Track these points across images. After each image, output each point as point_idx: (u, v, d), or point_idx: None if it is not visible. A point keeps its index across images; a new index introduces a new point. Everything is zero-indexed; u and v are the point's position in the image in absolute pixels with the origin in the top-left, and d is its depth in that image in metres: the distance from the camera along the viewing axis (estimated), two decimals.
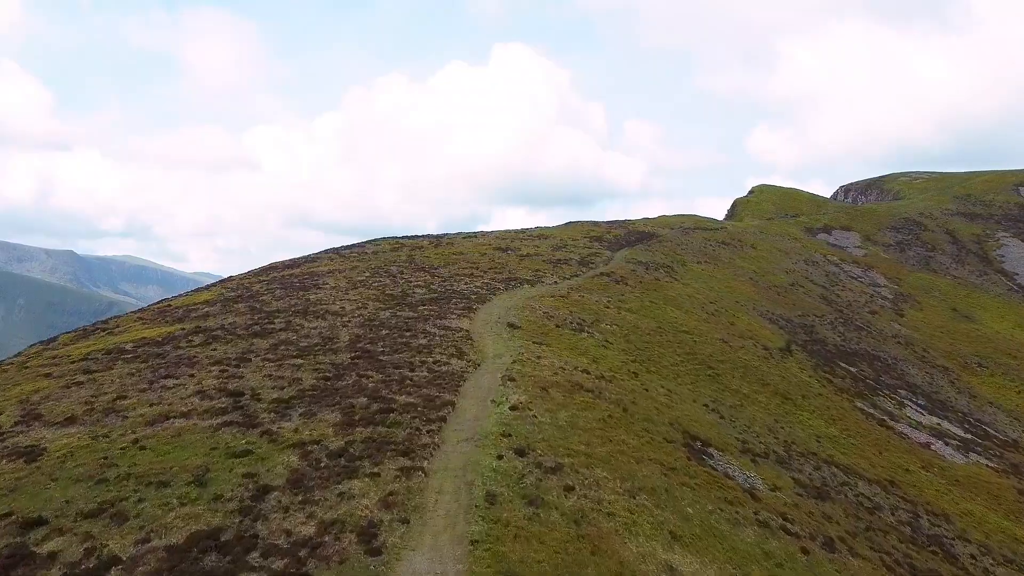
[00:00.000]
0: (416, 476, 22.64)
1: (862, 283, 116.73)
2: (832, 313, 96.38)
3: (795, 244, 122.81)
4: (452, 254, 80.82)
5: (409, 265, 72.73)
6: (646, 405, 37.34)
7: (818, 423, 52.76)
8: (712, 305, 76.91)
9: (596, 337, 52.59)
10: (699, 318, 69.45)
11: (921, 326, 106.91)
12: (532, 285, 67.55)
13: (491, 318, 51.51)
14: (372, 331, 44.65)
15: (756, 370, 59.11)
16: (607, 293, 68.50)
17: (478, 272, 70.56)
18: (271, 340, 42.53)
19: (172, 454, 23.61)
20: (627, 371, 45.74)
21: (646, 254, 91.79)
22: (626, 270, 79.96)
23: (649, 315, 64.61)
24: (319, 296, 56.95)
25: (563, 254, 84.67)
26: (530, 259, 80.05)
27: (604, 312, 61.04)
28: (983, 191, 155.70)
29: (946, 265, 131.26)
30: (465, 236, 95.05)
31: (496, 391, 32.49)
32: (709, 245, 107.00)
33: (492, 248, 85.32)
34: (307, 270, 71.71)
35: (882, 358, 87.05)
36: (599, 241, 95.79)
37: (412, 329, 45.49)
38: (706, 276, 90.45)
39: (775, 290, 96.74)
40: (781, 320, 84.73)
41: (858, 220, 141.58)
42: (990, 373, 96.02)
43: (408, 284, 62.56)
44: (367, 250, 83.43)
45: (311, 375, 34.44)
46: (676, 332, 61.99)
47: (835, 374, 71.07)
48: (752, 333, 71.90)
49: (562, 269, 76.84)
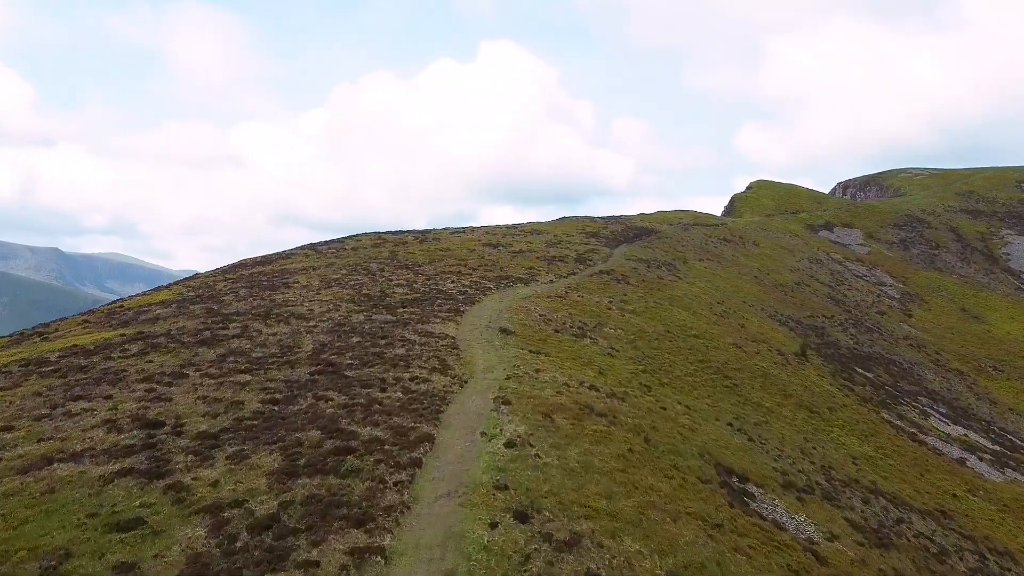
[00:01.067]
0: (372, 565, 15.51)
1: (868, 282, 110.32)
2: (841, 314, 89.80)
3: (798, 242, 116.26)
4: (438, 250, 73.63)
5: (391, 262, 65.49)
6: (668, 430, 30.31)
7: (851, 440, 45.92)
8: (720, 306, 70.05)
9: (600, 344, 45.56)
10: (708, 320, 62.53)
11: (931, 327, 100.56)
12: (526, 284, 60.45)
13: (481, 322, 44.41)
14: (341, 338, 37.40)
15: (775, 379, 52.26)
16: (608, 293, 61.49)
17: (466, 270, 63.39)
18: (220, 349, 35.26)
19: (29, 524, 16.45)
20: (638, 384, 38.71)
21: (646, 251, 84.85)
22: (627, 268, 72.98)
23: (655, 317, 57.64)
24: (286, 296, 49.68)
25: (558, 251, 77.59)
26: (523, 256, 72.96)
27: (606, 314, 54.01)
28: (985, 188, 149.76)
29: (951, 263, 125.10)
30: (453, 232, 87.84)
31: (487, 419, 25.37)
32: (710, 242, 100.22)
33: (482, 244, 78.16)
34: (279, 267, 64.38)
35: (897, 362, 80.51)
36: (595, 237, 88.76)
37: (388, 336, 38.28)
38: (710, 275, 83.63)
39: (781, 289, 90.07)
40: (791, 322, 78.02)
41: (860, 217, 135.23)
42: (1006, 377, 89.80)
43: (388, 283, 55.32)
44: (346, 246, 76.11)
45: (256, 397, 27.20)
46: (686, 336, 55.05)
47: (854, 381, 64.39)
48: (765, 336, 65.09)
49: (558, 267, 69.76)
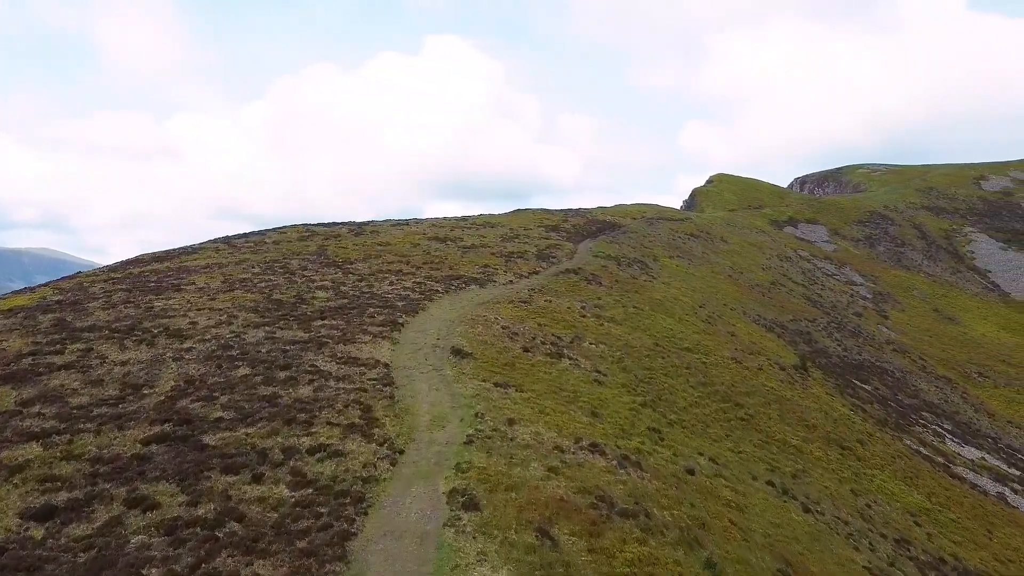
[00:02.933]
0: None
1: (839, 281, 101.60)
2: (822, 316, 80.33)
3: (765, 238, 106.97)
4: (376, 245, 61.26)
5: (317, 259, 52.93)
6: (721, 528, 18.92)
7: (898, 487, 35.38)
8: (703, 310, 59.36)
9: (582, 366, 34.02)
10: (697, 329, 51.66)
11: (908, 329, 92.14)
12: (481, 286, 48.59)
13: (426, 339, 32.45)
14: (222, 369, 25.00)
15: (789, 404, 41.59)
16: (580, 296, 50.10)
17: (409, 268, 51.19)
18: (28, 390, 22.61)
19: None
20: (646, 429, 27.28)
21: (613, 247, 73.80)
22: (596, 266, 61.70)
23: (639, 326, 46.45)
24: (169, 304, 36.92)
25: (516, 246, 65.88)
26: (476, 252, 61.05)
27: (582, 324, 42.57)
28: (945, 184, 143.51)
29: (918, 261, 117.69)
30: (394, 224, 75.30)
31: (439, 546, 13.55)
32: (678, 237, 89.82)
33: (427, 238, 66.01)
34: (178, 264, 51.24)
35: (889, 371, 71.21)
36: (556, 231, 77.30)
37: (293, 364, 26.01)
38: (684, 273, 73.05)
39: (758, 290, 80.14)
40: (776, 327, 67.94)
41: (823, 213, 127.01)
42: (993, 384, 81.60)
43: (309, 285, 42.84)
44: (267, 239, 63.12)
45: (20, 500, 14.84)
46: (678, 350, 44.00)
47: (859, 397, 54.42)
48: (759, 347, 54.58)
49: (517, 265, 58.04)
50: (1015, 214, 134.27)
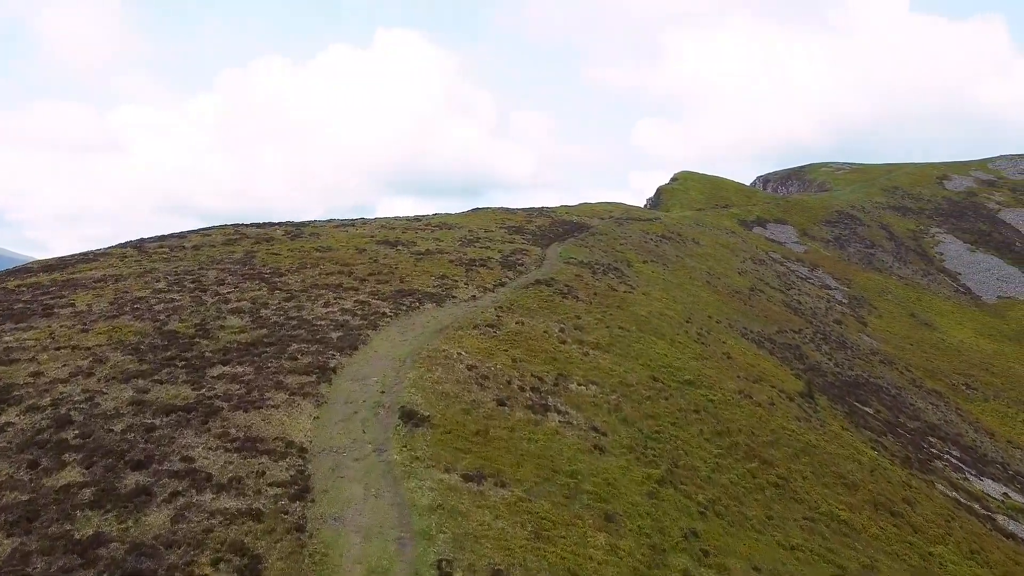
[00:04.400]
0: None
1: (814, 285, 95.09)
2: (806, 326, 73.25)
3: (736, 239, 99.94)
4: (315, 251, 51.72)
5: (241, 269, 43.25)
6: None
7: (965, 571, 27.63)
8: (691, 326, 51.29)
9: (575, 423, 25.36)
10: (691, 351, 43.47)
11: (889, 337, 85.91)
12: (438, 303, 39.51)
13: (367, 393, 23.39)
14: (35, 472, 15.59)
15: (818, 453, 33.62)
16: (556, 315, 41.46)
17: (351, 282, 41.81)
18: None
19: None
20: (679, 537, 18.76)
21: (584, 251, 65.39)
22: (568, 275, 53.14)
23: (628, 353, 37.98)
24: (22, 339, 27.20)
25: (477, 251, 56.88)
26: (431, 259, 51.93)
27: (565, 355, 33.91)
28: (909, 184, 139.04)
29: (888, 263, 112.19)
30: (339, 225, 65.58)
31: None
32: (650, 239, 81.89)
33: (376, 242, 56.65)
34: (68, 275, 41.12)
35: (884, 388, 64.39)
36: (520, 233, 68.55)
37: (156, 457, 16.70)
38: (662, 280, 65.06)
39: (738, 297, 72.68)
40: (766, 341, 60.43)
41: (791, 213, 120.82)
42: (982, 397, 75.62)
43: (220, 307, 33.24)
44: (187, 244, 53.05)
45: None
46: (679, 384, 35.67)
47: (872, 427, 47.09)
48: (759, 370, 46.73)
49: (480, 275, 49.11)
50: (980, 215, 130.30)
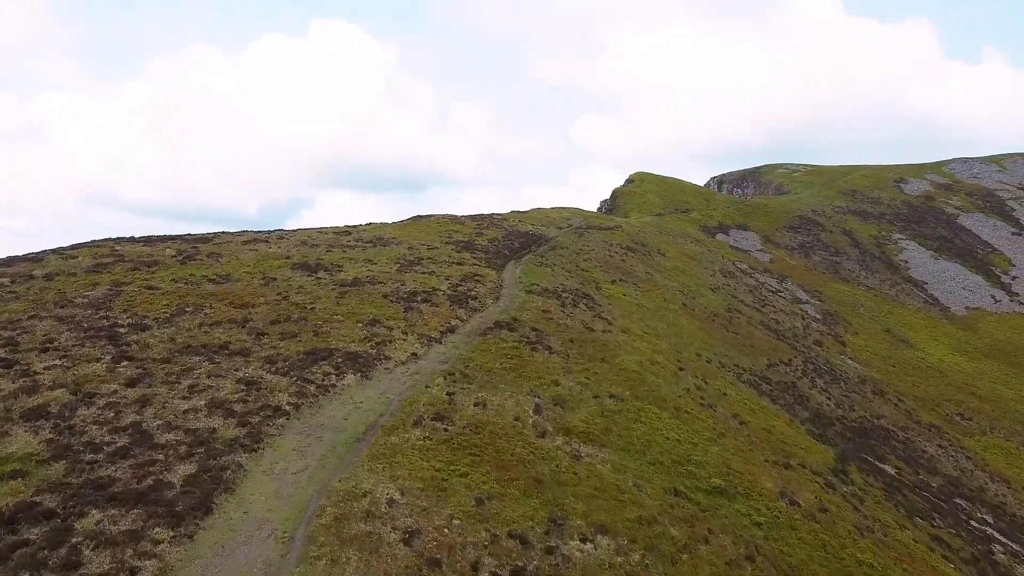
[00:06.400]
0: None
1: (786, 299, 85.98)
2: (793, 354, 63.61)
3: (702, 249, 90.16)
4: (208, 281, 38.97)
5: (90, 318, 30.40)
6: None
7: None
8: (686, 375, 40.47)
9: None
10: (704, 427, 32.51)
11: (870, 359, 77.33)
12: (365, 374, 27.53)
13: None
14: None
15: None
16: (527, 380, 29.95)
17: (243, 339, 29.33)
18: None
19: None
20: None
21: (546, 272, 54.07)
22: (533, 310, 41.66)
23: (633, 445, 26.81)
24: None
25: (420, 279, 44.83)
26: (360, 292, 39.70)
27: (550, 467, 22.47)
28: (867, 187, 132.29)
29: (855, 272, 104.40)
30: (248, 240, 52.39)
31: None
32: (614, 252, 71.13)
33: (291, 266, 44.13)
34: None
35: (891, 432, 55.11)
36: (470, 250, 56.70)
37: None
38: (636, 307, 54.26)
39: (718, 322, 62.53)
40: (762, 382, 50.31)
41: (752, 217, 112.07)
42: (979, 430, 67.38)
43: (10, 405, 20.55)
44: (38, 271, 39.68)
45: None
46: (710, 497, 24.70)
47: (915, 507, 37.12)
48: (780, 439, 36.18)
49: (423, 316, 37.17)
50: (940, 220, 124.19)
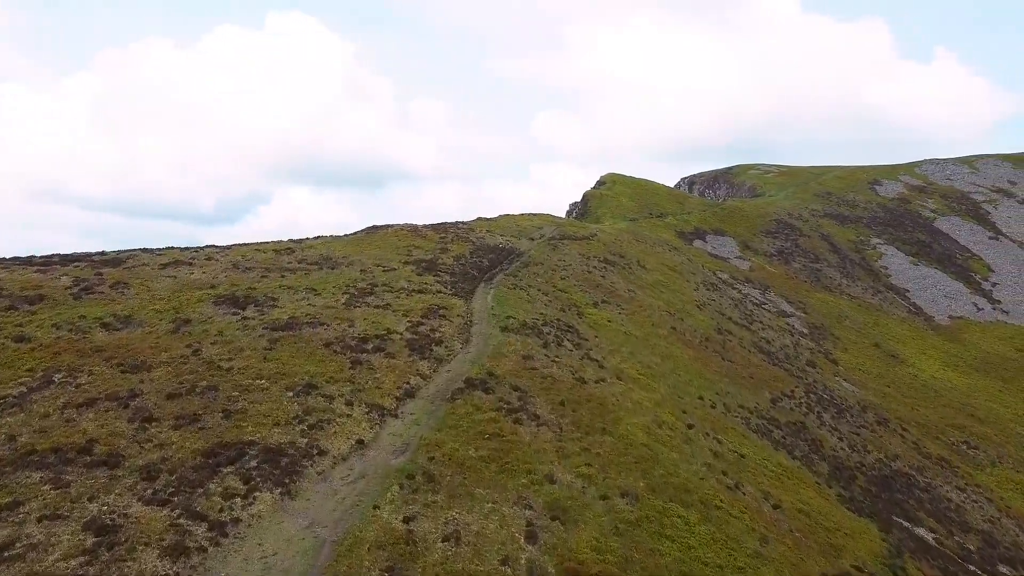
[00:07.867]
0: None
1: (770, 312, 79.51)
2: (792, 382, 56.82)
3: (681, 258, 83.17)
4: (99, 327, 30.14)
5: None
6: None
7: None
8: (697, 435, 32.97)
9: None
10: (740, 523, 24.99)
11: (864, 378, 71.24)
12: (287, 490, 19.25)
13: None
14: None
15: None
16: (511, 476, 21.99)
17: (116, 432, 20.77)
18: None
19: None
20: None
21: (522, 298, 46.14)
22: (513, 359, 33.65)
23: None
24: None
25: (372, 315, 36.39)
26: (295, 341, 31.17)
27: None
28: (841, 189, 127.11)
29: (836, 280, 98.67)
30: (169, 262, 43.19)
31: None
32: (593, 267, 63.50)
33: (214, 300, 35.37)
34: None
35: (913, 478, 48.63)
36: (433, 271, 48.33)
37: None
38: (625, 337, 46.69)
39: (712, 347, 55.37)
40: (773, 429, 43.20)
41: (729, 222, 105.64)
42: (988, 460, 61.55)
43: None
44: None
45: None
46: None
47: None
48: (825, 527, 28.86)
49: (375, 374, 28.87)
50: (917, 223, 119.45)
